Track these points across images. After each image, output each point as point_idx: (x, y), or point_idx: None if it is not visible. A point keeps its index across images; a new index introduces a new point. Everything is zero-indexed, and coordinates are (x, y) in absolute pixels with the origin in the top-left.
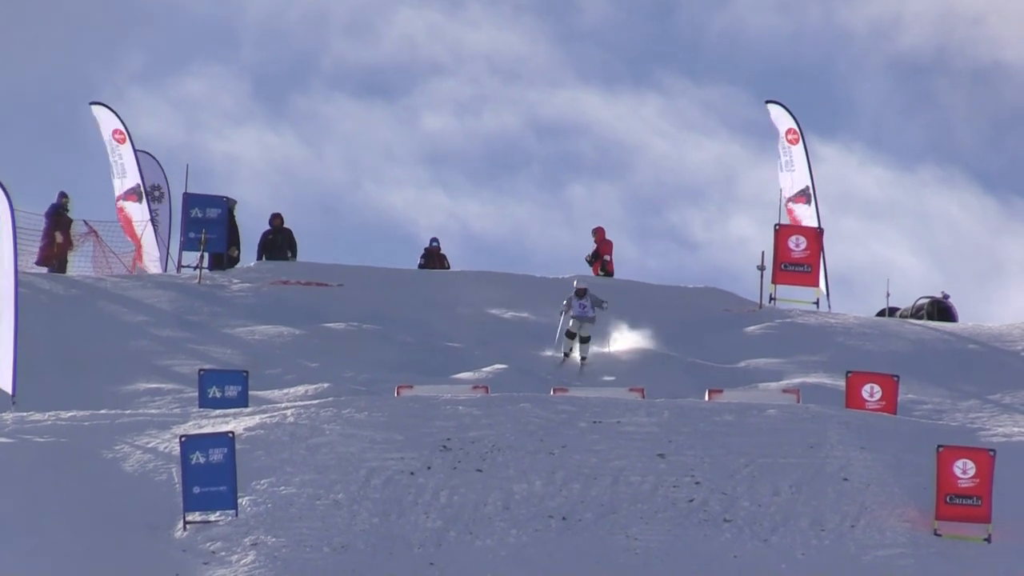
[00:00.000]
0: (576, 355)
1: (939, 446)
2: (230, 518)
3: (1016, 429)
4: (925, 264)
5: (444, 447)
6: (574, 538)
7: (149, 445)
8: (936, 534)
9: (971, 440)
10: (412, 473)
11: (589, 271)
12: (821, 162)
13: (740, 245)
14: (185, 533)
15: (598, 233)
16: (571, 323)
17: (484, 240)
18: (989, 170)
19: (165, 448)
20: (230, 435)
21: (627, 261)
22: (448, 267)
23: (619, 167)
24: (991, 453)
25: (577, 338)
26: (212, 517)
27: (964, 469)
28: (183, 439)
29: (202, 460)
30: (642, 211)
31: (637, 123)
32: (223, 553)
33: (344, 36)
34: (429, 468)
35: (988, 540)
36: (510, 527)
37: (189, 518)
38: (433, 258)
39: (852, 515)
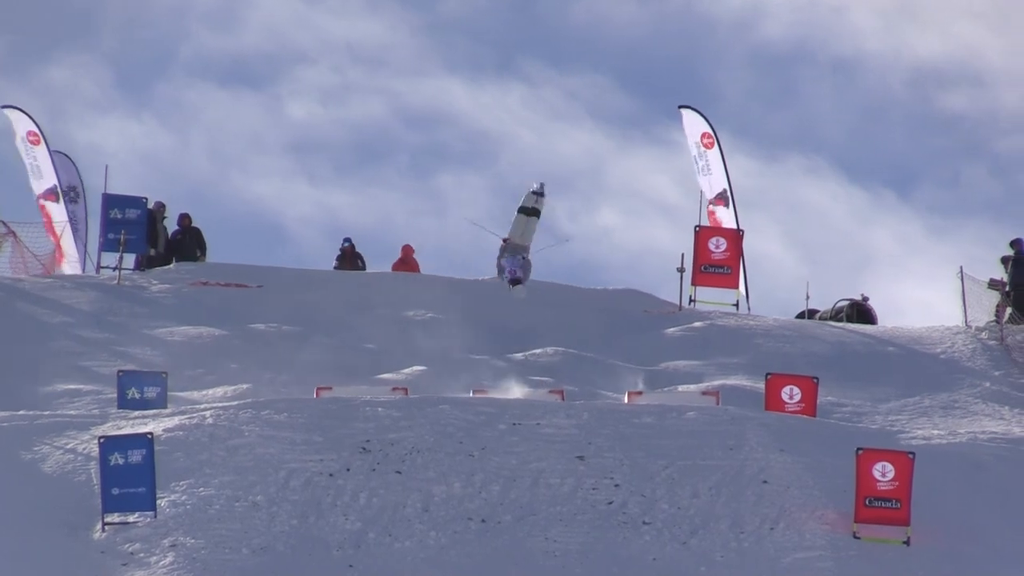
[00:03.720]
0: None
1: (858, 449)
2: (149, 519)
3: (935, 432)
4: (794, 255)
5: (363, 449)
6: (493, 540)
7: (68, 446)
8: (855, 536)
9: (890, 443)
10: (331, 475)
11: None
12: (684, 152)
13: (606, 236)
14: (104, 534)
15: (405, 250)
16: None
17: (351, 231)
18: (855, 161)
19: (84, 449)
20: (149, 436)
21: (495, 253)
22: (363, 266)
23: (486, 157)
24: (910, 456)
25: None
26: (131, 518)
27: (883, 472)
28: (102, 440)
29: (121, 461)
30: (510, 201)
31: (502, 112)
32: (142, 554)
33: (207, 24)
34: (348, 470)
35: (907, 543)
36: (429, 529)
37: (108, 519)
38: (347, 258)
39: (771, 517)
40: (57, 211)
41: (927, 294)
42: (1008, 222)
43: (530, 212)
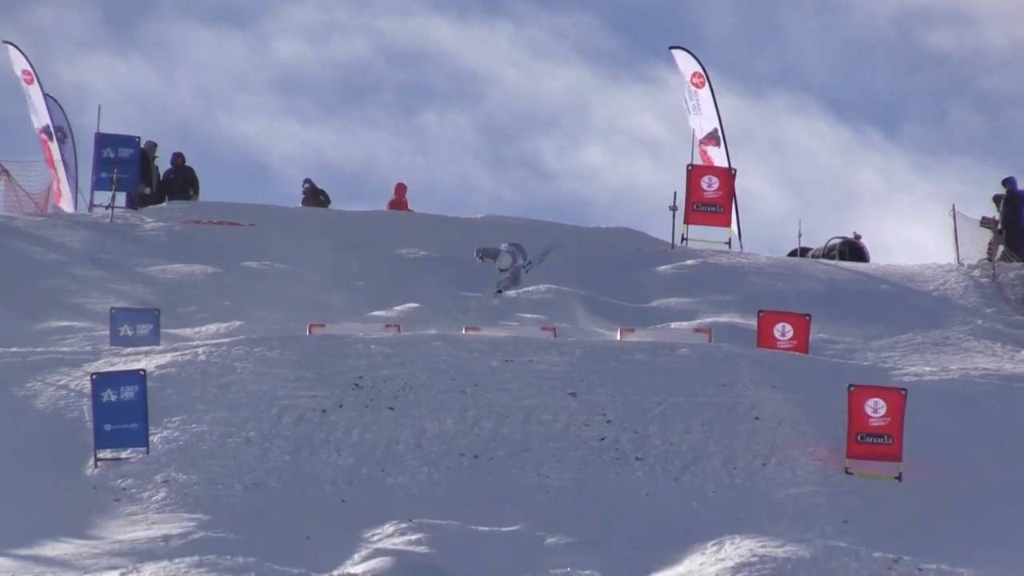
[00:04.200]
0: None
1: (850, 385)
2: (141, 455)
3: (927, 368)
4: (781, 193)
5: (356, 385)
6: (486, 476)
7: (60, 383)
8: (847, 472)
9: (882, 379)
10: (324, 411)
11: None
12: (672, 91)
13: (593, 174)
14: (96, 470)
15: (398, 189)
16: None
17: (337, 169)
18: (841, 99)
19: (76, 386)
20: (141, 373)
21: (483, 192)
22: (327, 202)
23: (471, 96)
24: (902, 392)
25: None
26: (123, 454)
27: (875, 408)
28: (94, 377)
29: (113, 398)
30: (495, 140)
31: (488, 51)
32: (134, 490)
33: None
34: (341, 406)
35: (899, 478)
36: (422, 465)
37: (100, 455)
38: (310, 198)
39: (763, 454)
40: (54, 149)
41: (914, 232)
42: (993, 160)
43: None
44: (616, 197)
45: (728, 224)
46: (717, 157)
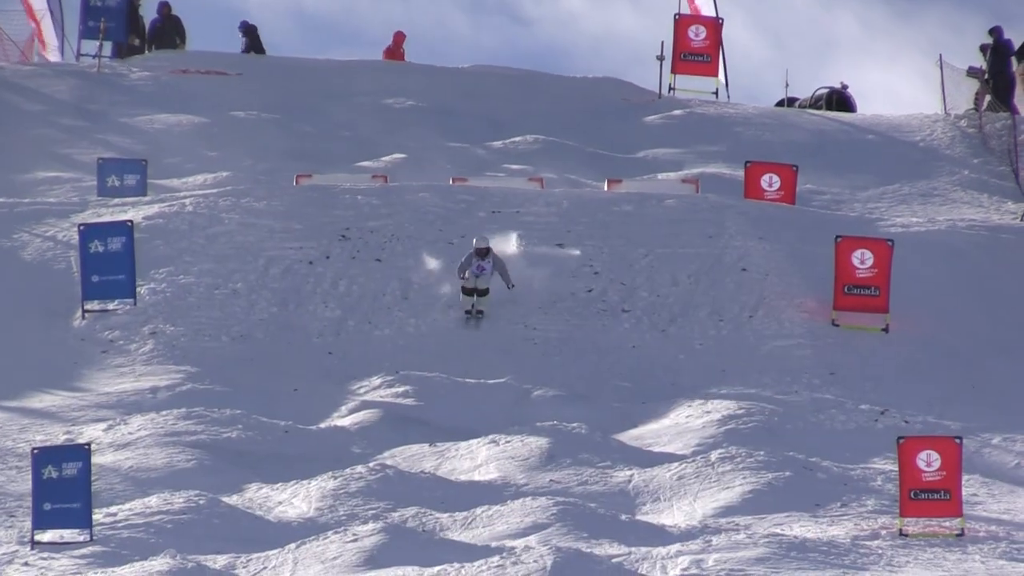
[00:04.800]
0: (475, 305)
1: (837, 236)
2: (128, 307)
3: (914, 219)
4: (761, 42)
5: (343, 236)
6: (473, 328)
7: (48, 234)
8: (834, 324)
9: (869, 230)
10: (311, 262)
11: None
12: None
13: (572, 21)
14: (83, 322)
15: (396, 37)
16: (466, 278)
17: (315, 17)
18: None
19: (64, 237)
20: (129, 224)
21: (461, 37)
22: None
23: None
24: (889, 243)
25: (475, 293)
26: (111, 306)
27: (862, 259)
28: (81, 227)
29: (100, 248)
30: None
31: None
32: (121, 342)
33: None
34: (328, 257)
35: (886, 330)
36: (409, 316)
37: (87, 307)
38: (250, 42)
39: (750, 305)
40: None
41: (895, 80)
42: (972, 6)
43: (470, 292)
44: (595, 45)
45: (715, 74)
46: (704, 6)
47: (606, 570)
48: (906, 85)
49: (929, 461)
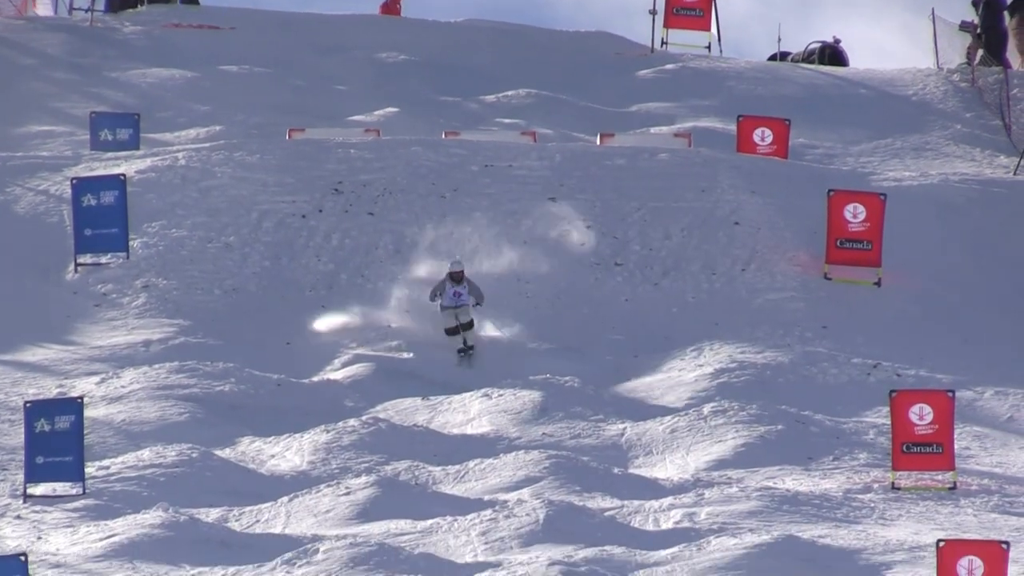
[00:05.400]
0: (466, 339)
1: (830, 190)
2: (121, 260)
3: (906, 174)
4: None
5: (336, 190)
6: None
7: (40, 187)
8: (827, 278)
9: (862, 184)
10: (304, 216)
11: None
12: None
13: None
14: (76, 275)
15: None
16: (445, 316)
17: None
18: None
19: (57, 191)
20: (121, 177)
21: None
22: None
23: None
24: (881, 197)
25: (459, 330)
26: (103, 259)
27: (855, 213)
28: (74, 181)
29: (93, 202)
30: None
31: None
32: (114, 295)
33: None
34: (321, 211)
35: (878, 284)
36: (401, 270)
37: (80, 260)
38: None
39: (743, 259)
40: None
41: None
42: None
43: (454, 332)
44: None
45: (708, 28)
46: None
47: (599, 523)
48: (893, 40)
49: (921, 414)
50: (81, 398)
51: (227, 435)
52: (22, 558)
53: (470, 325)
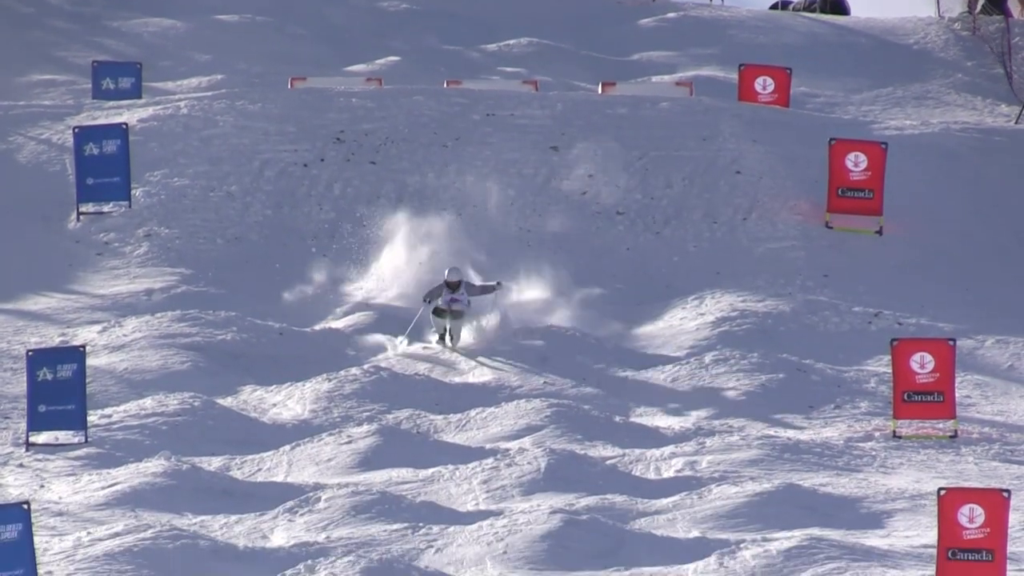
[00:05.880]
0: (448, 336)
1: (831, 139)
2: (123, 209)
3: (908, 122)
4: None
5: (337, 139)
6: (465, 230)
7: (42, 136)
8: (828, 227)
9: (863, 133)
10: (305, 165)
11: None
12: None
13: None
14: (78, 224)
15: None
16: (435, 322)
17: None
18: None
19: (58, 139)
20: (123, 126)
21: None
22: None
23: None
24: (883, 146)
25: (448, 315)
26: (105, 208)
27: (856, 162)
28: (76, 130)
29: (96, 151)
30: None
31: None
32: (116, 244)
33: None
34: (322, 160)
35: (879, 232)
36: (404, 219)
37: (82, 209)
38: None
39: (744, 208)
40: None
41: None
42: None
43: (442, 314)
44: None
45: None
46: None
47: (600, 472)
48: None
49: (922, 363)
50: (83, 347)
51: (229, 384)
52: (25, 506)
53: (459, 315)
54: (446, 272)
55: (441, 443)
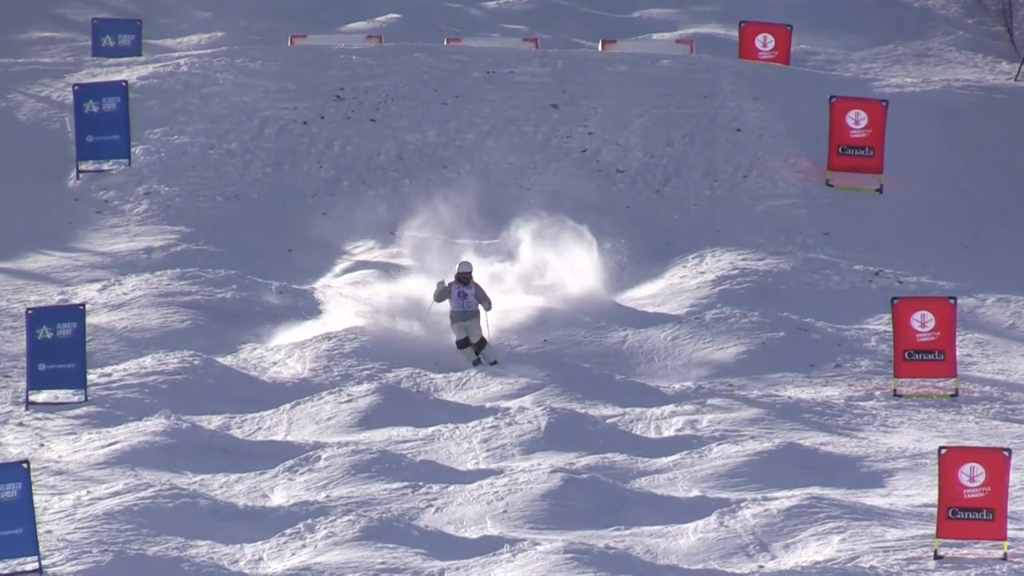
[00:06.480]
0: (482, 357)
1: (831, 97)
2: (123, 167)
3: (909, 80)
4: None
5: (338, 97)
6: (466, 188)
7: (42, 94)
8: (828, 185)
9: (864, 91)
10: (305, 123)
11: None
12: None
13: None
14: (78, 182)
15: None
16: (455, 328)
17: None
18: None
19: (58, 97)
20: (123, 84)
21: None
22: None
23: None
24: (883, 104)
25: (470, 346)
26: (105, 166)
27: (856, 119)
28: (76, 87)
29: (95, 109)
30: None
31: None
32: (116, 202)
33: None
34: (323, 118)
35: (880, 190)
36: (403, 177)
37: (82, 167)
38: None
39: (745, 165)
40: None
41: None
42: None
43: (464, 345)
44: None
45: None
46: None
47: (600, 430)
48: None
49: (923, 322)
50: (83, 305)
51: (229, 342)
52: (24, 465)
53: (482, 344)
54: (457, 265)
55: (441, 402)
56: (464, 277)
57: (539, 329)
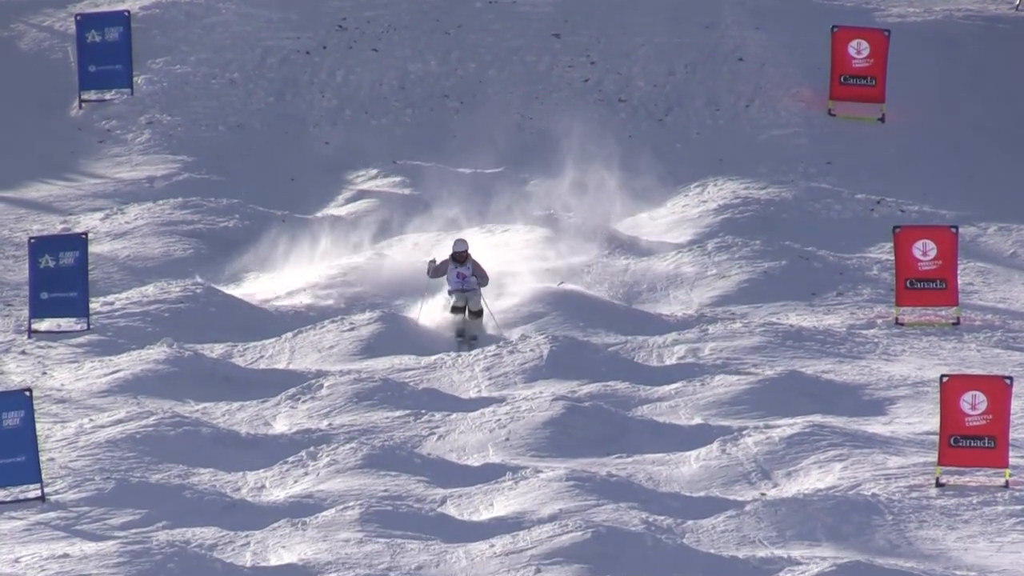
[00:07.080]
0: (466, 330)
1: (834, 26)
2: (126, 97)
3: (911, 9)
4: None
5: (340, 27)
6: (469, 118)
7: (44, 24)
8: (830, 114)
9: (866, 20)
10: (308, 52)
11: None
12: None
13: None
14: (81, 112)
15: None
16: (454, 296)
17: None
18: None
19: (60, 27)
20: (126, 13)
21: None
22: None
23: None
24: (885, 33)
25: (467, 312)
26: (107, 96)
27: (858, 49)
28: (78, 17)
29: (98, 39)
30: None
31: None
32: (119, 131)
33: None
34: (325, 48)
35: (882, 120)
36: (405, 107)
37: (84, 96)
38: None
39: (747, 95)
40: None
41: None
42: None
43: (460, 310)
44: None
45: None
46: None
47: (602, 358)
48: None
49: (925, 250)
50: (85, 234)
51: (231, 271)
52: (27, 393)
53: (479, 314)
54: (453, 244)
55: (443, 330)
56: (460, 256)
57: (541, 257)
